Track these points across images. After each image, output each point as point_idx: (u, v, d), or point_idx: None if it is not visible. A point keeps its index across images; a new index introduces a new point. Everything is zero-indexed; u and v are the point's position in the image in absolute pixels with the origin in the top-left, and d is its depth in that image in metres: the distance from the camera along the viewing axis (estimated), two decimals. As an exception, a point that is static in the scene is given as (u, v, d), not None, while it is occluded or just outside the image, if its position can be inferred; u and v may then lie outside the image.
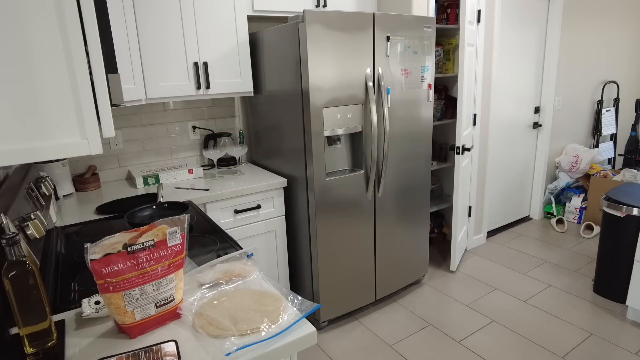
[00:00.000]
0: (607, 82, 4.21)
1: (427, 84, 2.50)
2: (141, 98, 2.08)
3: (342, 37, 2.06)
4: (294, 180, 2.32)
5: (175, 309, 1.02)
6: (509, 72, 3.41)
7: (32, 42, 0.74)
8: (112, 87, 0.91)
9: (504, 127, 3.51)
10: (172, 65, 2.16)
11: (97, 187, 2.36)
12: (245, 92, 2.43)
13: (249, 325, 0.96)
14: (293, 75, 2.13)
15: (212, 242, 1.56)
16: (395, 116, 2.37)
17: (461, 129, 2.74)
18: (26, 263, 0.85)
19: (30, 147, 0.76)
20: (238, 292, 1.11)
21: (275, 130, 2.43)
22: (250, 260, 1.26)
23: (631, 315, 2.41)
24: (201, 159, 2.74)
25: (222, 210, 2.17)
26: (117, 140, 2.45)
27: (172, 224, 1.00)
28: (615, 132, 4.40)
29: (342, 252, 2.34)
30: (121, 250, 0.92)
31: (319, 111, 2.08)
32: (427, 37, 2.41)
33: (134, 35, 2.01)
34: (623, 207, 2.46)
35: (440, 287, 2.84)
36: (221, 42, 2.28)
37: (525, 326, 2.39)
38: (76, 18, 0.76)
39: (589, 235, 3.57)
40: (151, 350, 0.90)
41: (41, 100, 0.76)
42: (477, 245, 3.47)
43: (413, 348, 2.24)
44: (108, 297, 0.92)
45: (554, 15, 3.53)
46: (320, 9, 2.56)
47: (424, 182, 2.66)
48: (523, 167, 3.82)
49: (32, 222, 1.16)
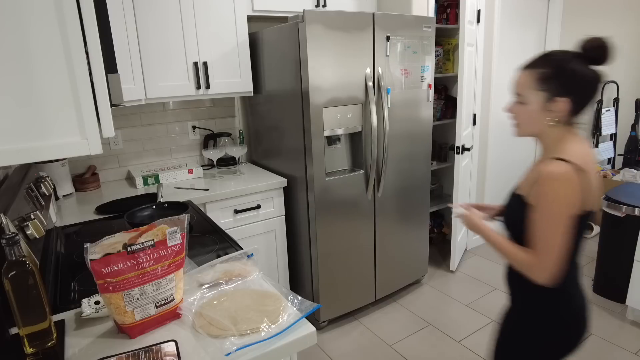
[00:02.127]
0: (607, 82, 4.21)
1: (427, 83, 2.50)
2: (141, 98, 2.08)
3: (342, 37, 2.06)
4: (293, 180, 2.32)
5: (175, 309, 1.02)
6: (509, 72, 3.41)
7: (32, 41, 0.73)
8: (111, 87, 0.91)
9: (504, 127, 3.51)
10: (172, 65, 2.16)
11: (96, 187, 2.36)
12: (245, 92, 2.43)
13: (249, 325, 0.96)
14: (293, 75, 2.13)
15: (212, 242, 1.56)
16: (395, 116, 2.37)
17: (461, 128, 2.74)
18: (26, 263, 0.85)
19: (29, 147, 0.76)
20: (238, 292, 1.11)
21: (275, 130, 2.43)
22: (250, 260, 1.26)
23: (631, 315, 2.41)
24: (201, 158, 2.74)
25: (222, 210, 2.17)
26: (117, 140, 2.45)
27: (172, 224, 1.00)
28: (615, 132, 4.40)
29: (342, 252, 2.34)
30: (121, 250, 0.92)
31: (319, 111, 2.08)
32: (427, 37, 2.41)
33: (134, 35, 2.01)
34: (623, 207, 2.46)
35: (440, 287, 2.84)
36: (221, 42, 2.28)
37: (525, 326, 2.39)
38: (76, 18, 0.76)
39: (588, 235, 3.57)
40: (151, 350, 0.90)
41: (41, 100, 0.76)
42: (477, 245, 3.47)
43: (413, 348, 2.24)
44: (108, 297, 0.92)
45: (553, 15, 3.53)
46: (320, 9, 2.56)
47: (423, 182, 2.66)
48: (523, 167, 3.82)
49: (32, 222, 1.16)
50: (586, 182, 1.02)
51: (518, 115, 1.12)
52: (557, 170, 1.00)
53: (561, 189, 0.99)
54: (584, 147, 1.07)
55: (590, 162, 1.06)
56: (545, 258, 1.02)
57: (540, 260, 1.03)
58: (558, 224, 1.01)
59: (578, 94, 1.04)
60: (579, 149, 1.05)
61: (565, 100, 1.04)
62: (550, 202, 1.01)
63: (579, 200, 1.01)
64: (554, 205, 1.00)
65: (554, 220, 1.01)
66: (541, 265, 1.03)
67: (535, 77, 1.06)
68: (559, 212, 1.00)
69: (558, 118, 1.06)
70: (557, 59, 1.06)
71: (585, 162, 1.03)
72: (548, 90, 1.05)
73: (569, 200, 1.00)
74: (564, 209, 1.00)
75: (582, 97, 1.05)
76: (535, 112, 1.08)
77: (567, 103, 1.04)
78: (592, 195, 1.05)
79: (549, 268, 1.03)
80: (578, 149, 1.05)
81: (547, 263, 1.02)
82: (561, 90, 1.04)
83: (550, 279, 1.04)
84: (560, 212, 1.00)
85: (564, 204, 1.00)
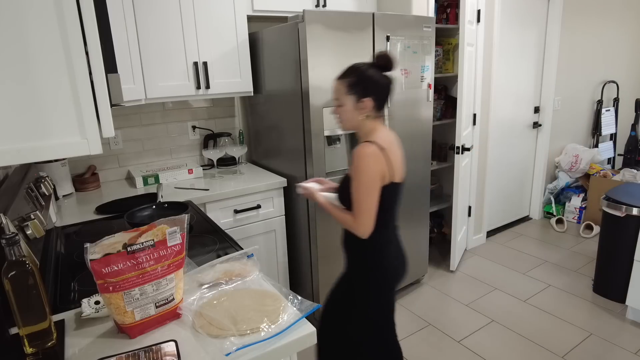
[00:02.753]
0: (607, 82, 4.21)
1: (426, 83, 2.50)
2: (141, 98, 2.08)
3: (342, 36, 2.06)
4: (294, 180, 2.32)
5: (175, 309, 1.02)
6: (509, 72, 3.41)
7: (32, 41, 0.73)
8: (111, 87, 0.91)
9: (503, 127, 3.51)
10: (171, 65, 2.16)
11: (96, 187, 2.36)
12: (245, 92, 2.43)
13: (249, 325, 0.96)
14: (293, 75, 2.13)
15: (212, 242, 1.56)
16: (395, 116, 2.37)
17: (461, 128, 2.74)
18: (26, 263, 0.85)
19: (29, 147, 0.76)
20: (238, 292, 1.11)
21: (275, 130, 2.43)
22: (250, 260, 1.26)
23: (631, 315, 2.41)
24: (201, 158, 2.74)
25: (222, 210, 2.17)
26: (117, 140, 2.45)
27: (172, 224, 1.00)
28: (615, 132, 4.41)
29: (341, 252, 2.33)
30: (121, 250, 0.92)
31: (319, 111, 2.08)
32: (426, 36, 2.41)
33: (134, 35, 2.01)
34: (623, 206, 2.46)
35: (440, 287, 2.84)
36: (221, 42, 2.28)
37: (525, 326, 2.39)
38: (76, 18, 0.76)
39: (588, 235, 3.57)
40: (151, 350, 0.90)
41: (41, 100, 0.76)
42: (476, 245, 3.47)
43: (413, 348, 2.24)
44: (108, 297, 0.92)
45: (553, 15, 3.53)
46: (320, 8, 2.56)
47: (423, 182, 2.66)
48: (523, 167, 3.82)
49: (32, 222, 1.16)
50: (389, 157, 1.36)
51: (340, 115, 1.43)
52: (365, 150, 1.33)
53: (369, 163, 1.33)
54: (389, 133, 1.44)
55: (392, 143, 1.42)
56: (361, 216, 1.36)
57: (358, 218, 1.37)
58: (369, 190, 1.34)
59: (377, 94, 1.38)
60: (384, 135, 1.41)
61: (369, 99, 1.37)
62: (362, 174, 1.33)
63: (384, 172, 1.35)
64: (365, 175, 1.33)
65: (366, 187, 1.34)
66: (359, 222, 1.37)
67: (345, 85, 1.38)
68: (368, 181, 1.33)
69: (367, 113, 1.39)
70: (359, 69, 1.38)
71: (389, 143, 1.39)
72: (356, 94, 1.37)
73: (376, 171, 1.33)
74: (372, 178, 1.33)
75: (380, 96, 1.39)
76: (350, 111, 1.40)
77: (371, 101, 1.37)
78: (397, 169, 1.40)
79: (365, 224, 1.37)
80: (384, 135, 1.41)
81: (363, 220, 1.36)
82: (365, 93, 1.37)
83: (367, 232, 1.39)
84: (370, 180, 1.33)
85: (372, 174, 1.33)
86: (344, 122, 1.44)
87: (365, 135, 1.43)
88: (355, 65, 1.40)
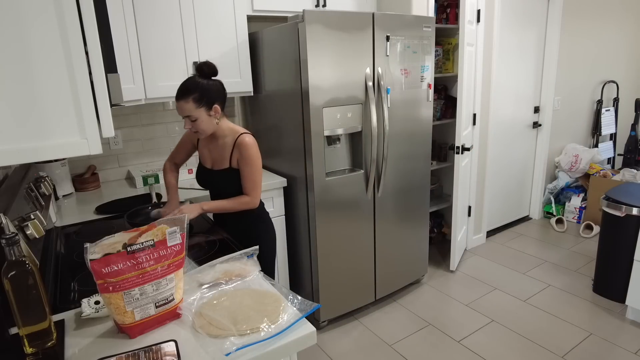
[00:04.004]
0: (607, 82, 4.21)
1: (426, 83, 2.50)
2: (141, 98, 2.08)
3: (342, 37, 2.06)
4: (293, 180, 2.32)
5: (175, 309, 1.02)
6: (509, 71, 3.41)
7: (32, 41, 0.73)
8: (111, 87, 0.91)
9: (503, 127, 3.51)
10: (171, 65, 2.16)
11: (96, 187, 2.36)
12: (245, 91, 2.43)
13: (249, 325, 0.96)
14: (293, 75, 2.13)
15: (211, 242, 1.56)
16: (394, 116, 2.37)
17: (461, 128, 2.74)
18: (26, 263, 0.85)
19: (29, 147, 0.76)
20: (238, 292, 1.11)
21: (275, 130, 2.43)
22: (250, 260, 1.26)
23: (630, 314, 2.41)
24: (201, 158, 2.74)
25: (221, 210, 2.16)
26: (117, 140, 2.45)
27: (172, 224, 1.00)
28: (615, 132, 4.41)
29: (341, 252, 2.34)
30: (121, 250, 0.92)
31: (319, 111, 2.08)
32: (426, 36, 2.41)
33: (134, 35, 2.01)
34: (623, 206, 2.46)
35: (439, 287, 2.84)
36: (221, 42, 2.28)
37: (525, 326, 2.39)
38: (76, 18, 0.76)
39: (588, 235, 3.57)
40: (151, 350, 0.90)
41: (40, 100, 0.76)
42: (476, 245, 3.47)
43: (413, 348, 2.24)
44: (108, 297, 0.92)
45: (553, 15, 3.54)
46: (320, 8, 2.56)
47: (423, 182, 2.66)
48: (522, 167, 3.82)
49: (32, 222, 1.16)
50: None
51: (197, 127, 1.59)
52: (251, 139, 1.64)
53: (256, 149, 1.65)
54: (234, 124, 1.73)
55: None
56: (257, 190, 1.68)
57: (254, 192, 1.68)
58: (260, 169, 1.67)
59: (220, 97, 1.62)
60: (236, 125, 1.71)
61: (216, 105, 1.60)
62: (255, 158, 1.64)
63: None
64: (257, 159, 1.65)
65: (257, 167, 1.65)
66: (255, 195, 1.69)
67: (192, 102, 1.54)
68: (259, 162, 1.66)
69: (219, 116, 1.63)
70: (198, 84, 1.55)
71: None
72: (205, 105, 1.56)
73: (259, 155, 1.66)
74: (260, 159, 1.66)
75: (223, 98, 1.64)
76: (206, 121, 1.59)
77: (219, 105, 1.60)
78: None
79: (259, 195, 1.71)
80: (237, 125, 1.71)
81: (258, 192, 1.70)
82: (211, 101, 1.58)
83: (258, 203, 1.72)
84: (259, 161, 1.66)
85: (259, 156, 1.66)
86: (204, 132, 1.61)
87: (224, 132, 1.68)
88: (191, 82, 1.55)
